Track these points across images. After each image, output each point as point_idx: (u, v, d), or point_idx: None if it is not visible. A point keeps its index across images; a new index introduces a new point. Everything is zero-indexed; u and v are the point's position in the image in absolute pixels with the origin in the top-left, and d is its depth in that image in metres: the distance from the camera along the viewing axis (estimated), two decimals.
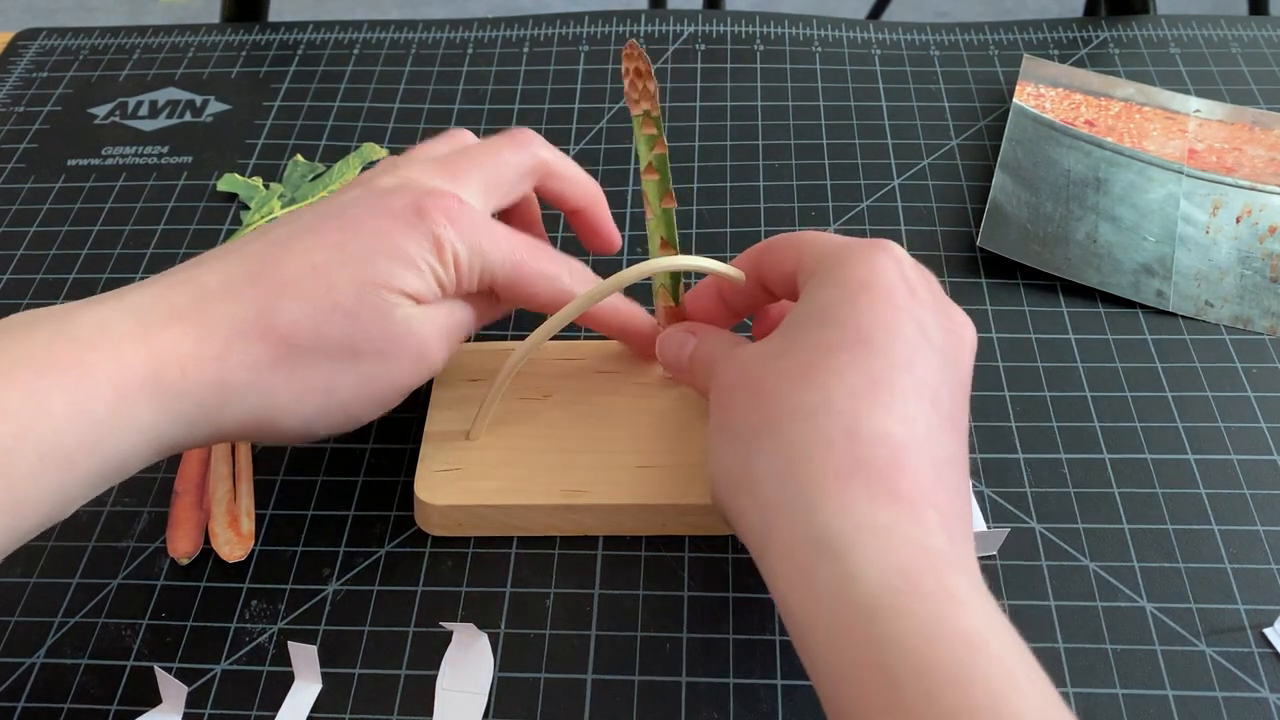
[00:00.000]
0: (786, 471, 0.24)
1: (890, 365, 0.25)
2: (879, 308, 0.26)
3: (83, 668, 0.32)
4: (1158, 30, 0.52)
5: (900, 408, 0.24)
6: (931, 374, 0.25)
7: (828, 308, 0.26)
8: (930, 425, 0.25)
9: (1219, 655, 0.31)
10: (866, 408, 0.24)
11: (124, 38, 0.56)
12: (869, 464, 0.23)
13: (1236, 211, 0.43)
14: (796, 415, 0.25)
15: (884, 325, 0.25)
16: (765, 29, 0.53)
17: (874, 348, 0.25)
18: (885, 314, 0.26)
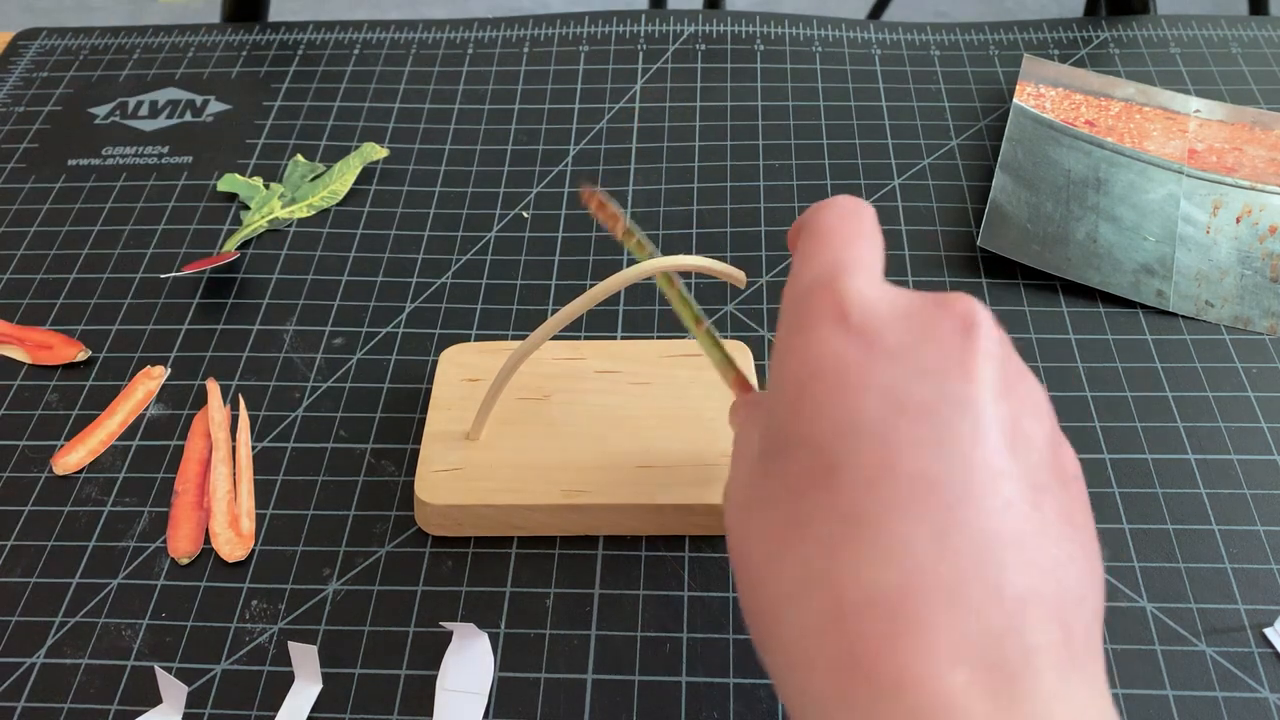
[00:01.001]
0: (791, 682, 0.18)
1: (860, 483, 0.17)
2: (827, 405, 0.19)
3: (83, 668, 0.32)
4: (1158, 30, 0.52)
5: (886, 538, 0.17)
6: (924, 453, 0.17)
7: (783, 423, 0.20)
8: (943, 528, 0.17)
9: (1219, 655, 0.31)
10: (847, 561, 0.17)
11: (124, 38, 0.56)
12: (863, 646, 0.16)
13: (1237, 211, 0.43)
14: (781, 600, 0.18)
15: (837, 427, 0.18)
16: (765, 29, 0.53)
17: (838, 468, 0.18)
18: (836, 410, 0.18)
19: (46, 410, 0.39)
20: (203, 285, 0.43)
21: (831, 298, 0.20)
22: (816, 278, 0.21)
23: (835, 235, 0.22)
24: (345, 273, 0.43)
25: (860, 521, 0.17)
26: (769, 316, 0.41)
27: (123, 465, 0.37)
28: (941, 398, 0.18)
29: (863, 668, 0.16)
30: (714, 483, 0.33)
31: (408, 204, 0.46)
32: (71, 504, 0.36)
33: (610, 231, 0.31)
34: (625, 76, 0.51)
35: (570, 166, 0.47)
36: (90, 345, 0.41)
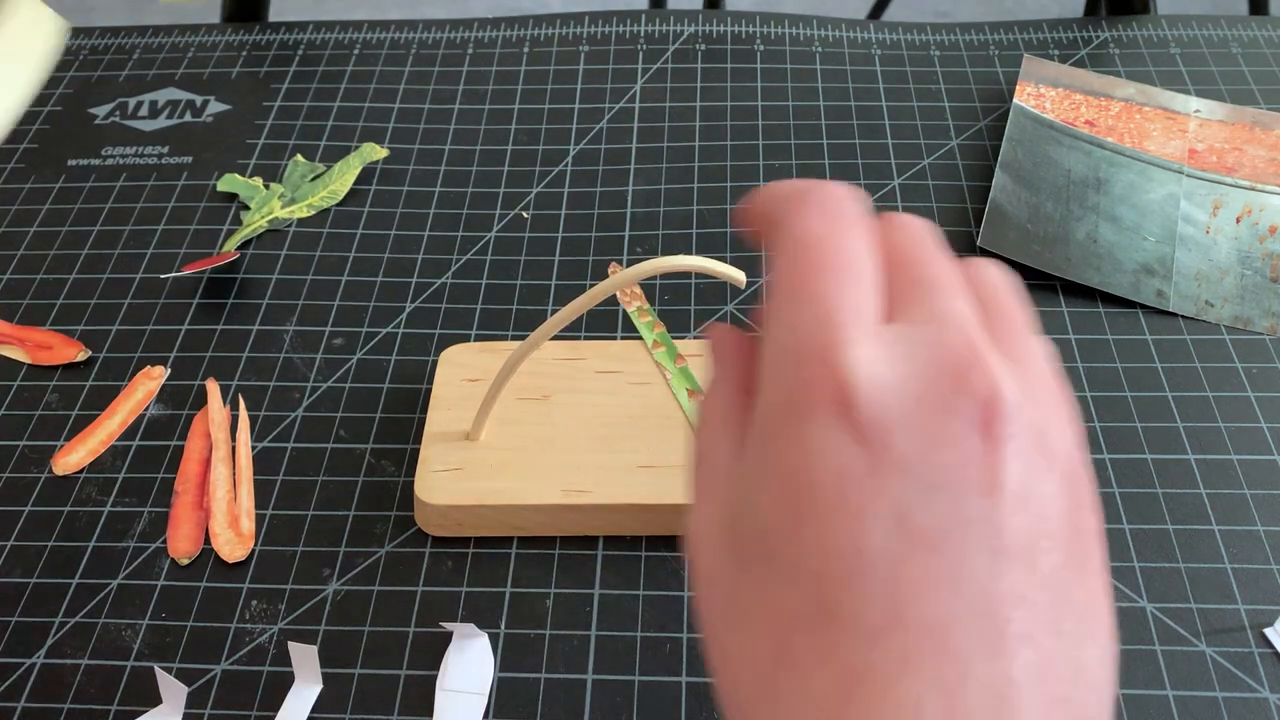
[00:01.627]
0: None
1: (863, 634, 0.15)
2: (827, 533, 0.16)
3: (83, 668, 0.32)
4: (1158, 30, 0.52)
5: (894, 700, 0.15)
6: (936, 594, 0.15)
7: (768, 527, 0.16)
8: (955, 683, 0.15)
9: (1219, 655, 0.31)
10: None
11: (124, 38, 0.56)
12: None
13: (1237, 211, 0.43)
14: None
15: (840, 565, 0.15)
16: (765, 29, 0.53)
17: (837, 613, 0.15)
18: (839, 540, 0.15)
19: (46, 410, 0.39)
20: (203, 285, 0.43)
21: (831, 379, 0.16)
22: (810, 339, 0.17)
23: (829, 268, 0.17)
24: (345, 273, 0.43)
25: (863, 680, 0.15)
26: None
27: (123, 465, 0.37)
28: (957, 519, 0.15)
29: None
30: None
31: (408, 204, 0.46)
32: (71, 504, 0.36)
33: (621, 300, 0.32)
34: (625, 76, 0.51)
35: (570, 166, 0.47)
36: (90, 345, 0.41)
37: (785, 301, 0.18)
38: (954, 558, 0.15)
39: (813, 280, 0.17)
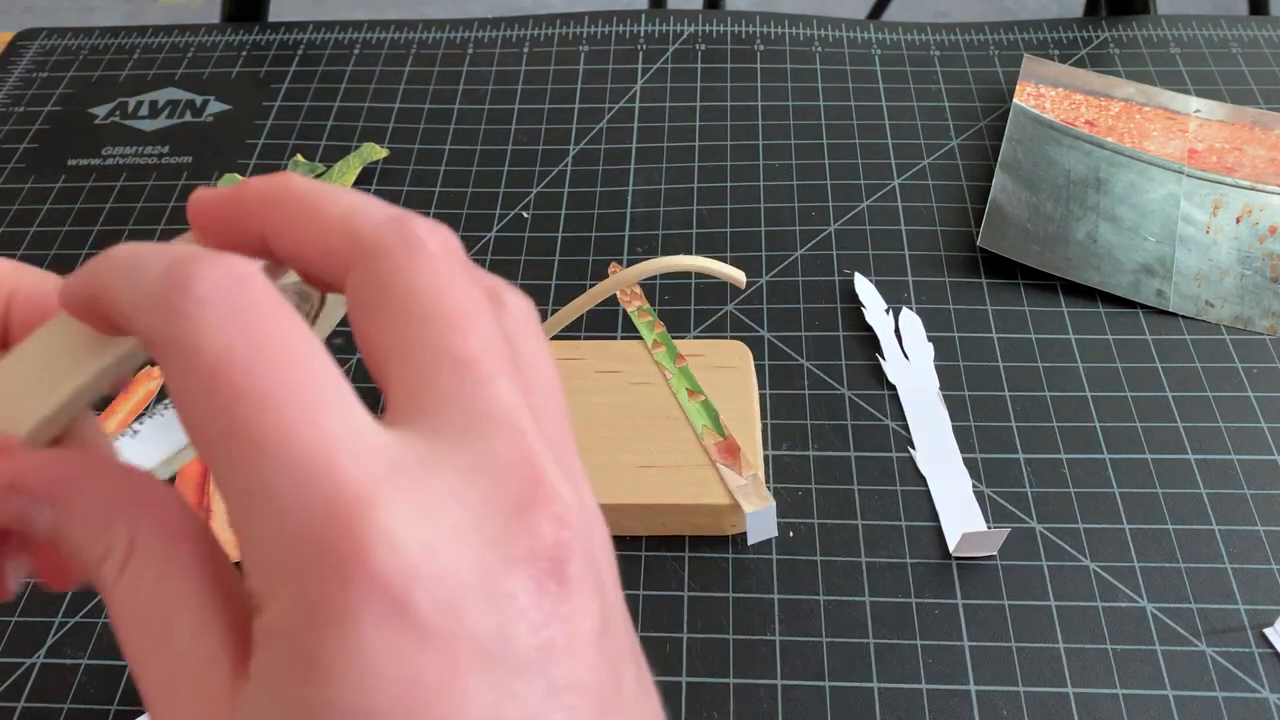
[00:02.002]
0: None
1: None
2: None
3: (83, 668, 0.32)
4: (1158, 30, 0.52)
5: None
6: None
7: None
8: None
9: (1219, 655, 0.31)
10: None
11: (124, 38, 0.56)
12: None
13: (1237, 211, 0.43)
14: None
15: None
16: (765, 29, 0.53)
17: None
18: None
19: None
20: None
21: (366, 569, 0.12)
22: (311, 509, 0.12)
23: (276, 394, 0.12)
24: None
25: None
26: (769, 316, 0.41)
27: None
28: (550, 697, 0.12)
29: None
30: (714, 483, 0.33)
31: (408, 204, 0.46)
32: None
33: (621, 301, 0.32)
34: (625, 76, 0.51)
35: (570, 166, 0.47)
36: None
37: (228, 461, 0.12)
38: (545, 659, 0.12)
39: (261, 417, 0.12)
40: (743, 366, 0.36)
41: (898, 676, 0.31)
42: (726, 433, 0.34)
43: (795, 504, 0.35)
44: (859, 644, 0.31)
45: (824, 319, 0.40)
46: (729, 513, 0.33)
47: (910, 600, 0.32)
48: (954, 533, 0.34)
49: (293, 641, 0.12)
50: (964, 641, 0.31)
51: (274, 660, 0.12)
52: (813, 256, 0.43)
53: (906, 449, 0.36)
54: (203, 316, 0.12)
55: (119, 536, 0.13)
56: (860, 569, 0.33)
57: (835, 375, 0.38)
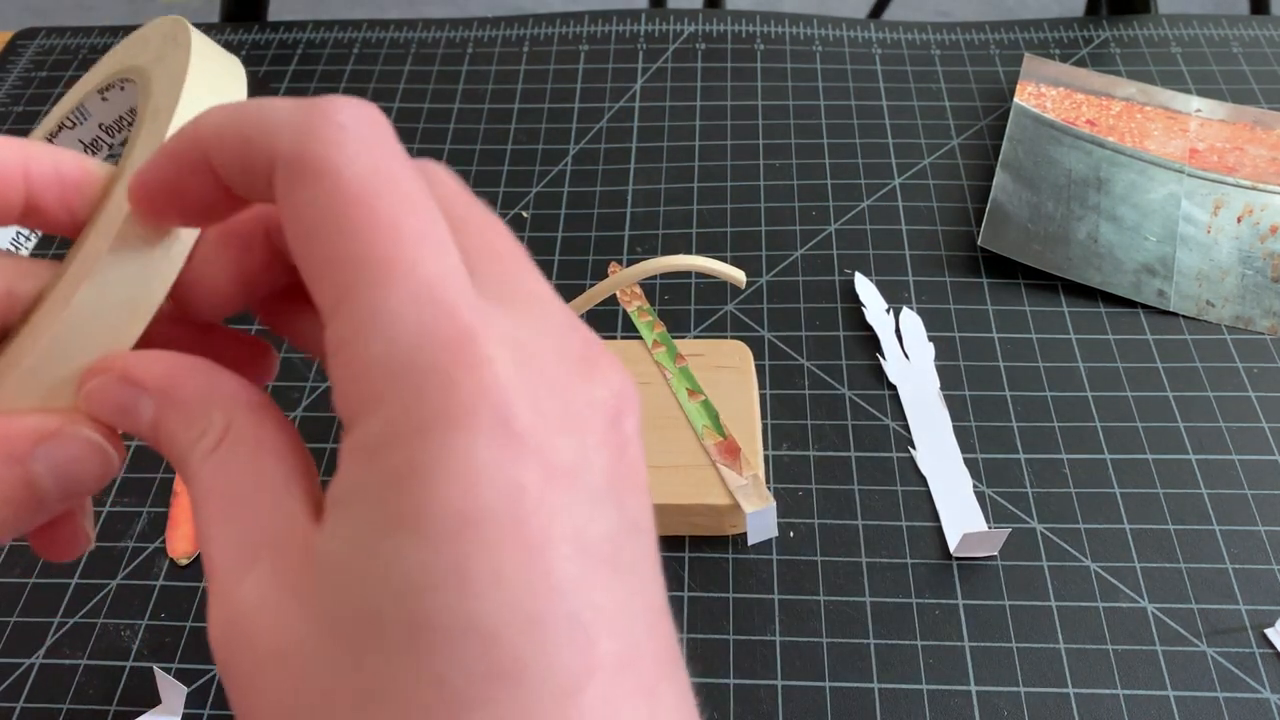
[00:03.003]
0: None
1: (557, 692, 0.12)
2: (508, 573, 0.12)
3: (82, 668, 0.32)
4: (1159, 30, 0.52)
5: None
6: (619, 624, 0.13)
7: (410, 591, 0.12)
8: (659, 702, 0.13)
9: (1220, 656, 0.31)
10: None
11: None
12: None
13: (1238, 211, 0.43)
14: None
15: (528, 612, 0.12)
16: (766, 28, 0.53)
17: (525, 670, 0.12)
18: (522, 580, 0.13)
19: None
20: None
21: (478, 384, 0.13)
22: (425, 335, 0.13)
23: (408, 227, 0.13)
24: None
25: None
26: (769, 316, 0.40)
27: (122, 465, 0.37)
28: (623, 528, 0.14)
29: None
30: (714, 483, 0.33)
31: None
32: None
33: (621, 301, 0.32)
34: (625, 76, 0.51)
35: (570, 166, 0.47)
36: None
37: (356, 283, 0.13)
38: (627, 572, 0.13)
39: (393, 247, 0.13)
40: (743, 366, 0.36)
41: (898, 677, 0.30)
42: (726, 433, 0.34)
43: (795, 504, 0.35)
44: (859, 644, 0.31)
45: (824, 319, 0.40)
46: (729, 513, 0.33)
47: (911, 600, 0.32)
48: (954, 533, 0.34)
49: (394, 451, 0.12)
50: (964, 642, 0.31)
51: (369, 475, 0.13)
52: (813, 256, 0.43)
53: (907, 449, 0.36)
54: (345, 141, 0.13)
55: (215, 421, 0.15)
56: (860, 569, 0.33)
57: (836, 375, 0.38)
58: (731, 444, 0.34)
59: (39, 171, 0.17)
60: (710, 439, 0.34)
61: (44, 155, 0.17)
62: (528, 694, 0.12)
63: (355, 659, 0.12)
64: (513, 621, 0.12)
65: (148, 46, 0.18)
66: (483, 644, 0.12)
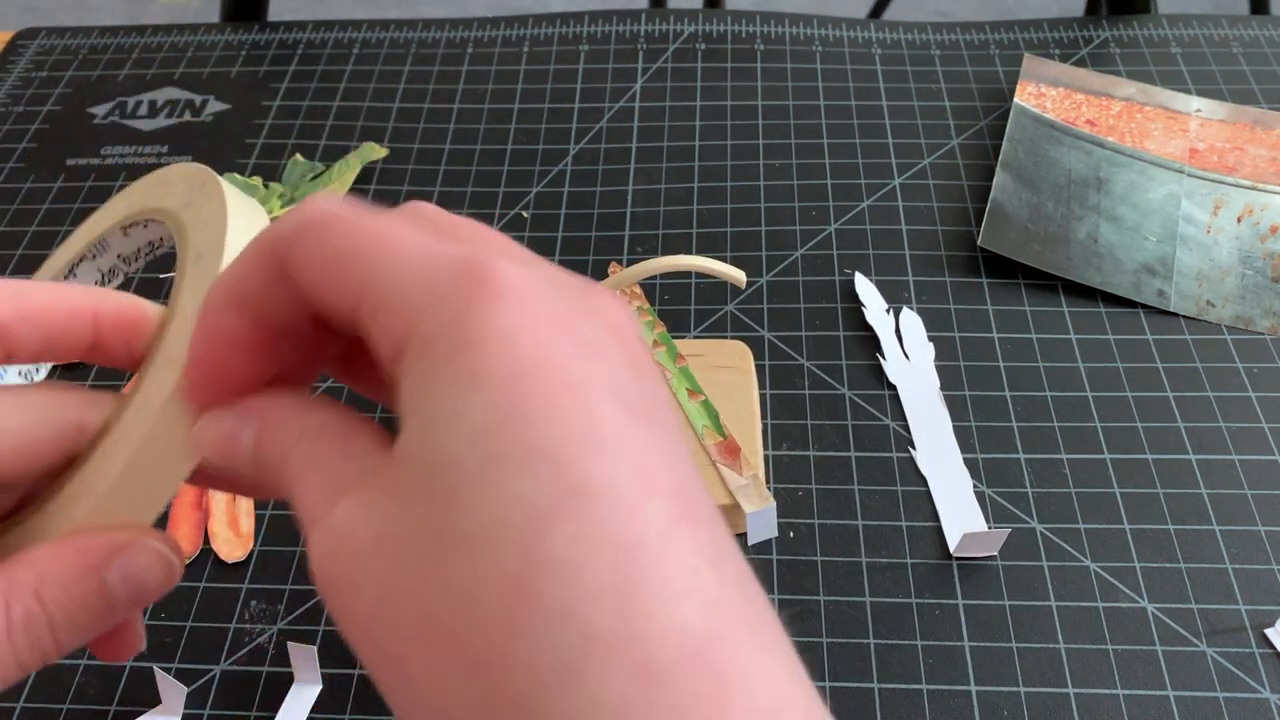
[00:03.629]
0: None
1: (620, 504, 0.14)
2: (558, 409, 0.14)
3: (81, 668, 0.32)
4: (1159, 30, 0.52)
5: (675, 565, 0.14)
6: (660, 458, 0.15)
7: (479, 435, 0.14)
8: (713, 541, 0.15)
9: (1220, 656, 0.31)
10: (641, 604, 0.13)
11: (123, 37, 0.56)
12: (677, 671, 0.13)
13: (1238, 211, 0.43)
14: (543, 673, 0.13)
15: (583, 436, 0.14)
16: (766, 28, 0.53)
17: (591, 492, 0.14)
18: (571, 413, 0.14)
19: None
20: None
21: (498, 275, 0.15)
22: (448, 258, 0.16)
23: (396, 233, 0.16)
24: None
25: (639, 546, 0.14)
26: (769, 316, 0.40)
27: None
28: (650, 396, 0.16)
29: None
30: (714, 483, 0.33)
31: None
32: None
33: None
34: (625, 76, 0.51)
35: (570, 166, 0.47)
36: None
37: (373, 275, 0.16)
38: (662, 429, 0.15)
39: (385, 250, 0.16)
40: (743, 366, 0.36)
41: (898, 677, 0.30)
42: (726, 433, 0.34)
43: (795, 504, 0.35)
44: (859, 644, 0.31)
45: (824, 319, 0.40)
46: (729, 513, 0.33)
47: (910, 600, 0.32)
48: (954, 533, 0.34)
49: (441, 340, 0.15)
50: (964, 642, 0.31)
51: (424, 369, 0.15)
52: (813, 256, 0.43)
53: (907, 449, 0.36)
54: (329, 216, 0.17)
55: (310, 423, 0.17)
56: (860, 569, 0.33)
57: (835, 375, 0.38)
58: (731, 444, 0.34)
59: (105, 314, 0.19)
60: (710, 439, 0.34)
61: (109, 300, 0.20)
62: (599, 507, 0.14)
63: (442, 510, 0.14)
64: (575, 445, 0.14)
65: (172, 191, 0.21)
66: (552, 465, 0.14)
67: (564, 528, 0.14)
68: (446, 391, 0.15)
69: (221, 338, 0.17)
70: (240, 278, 0.17)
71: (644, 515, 0.14)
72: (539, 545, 0.13)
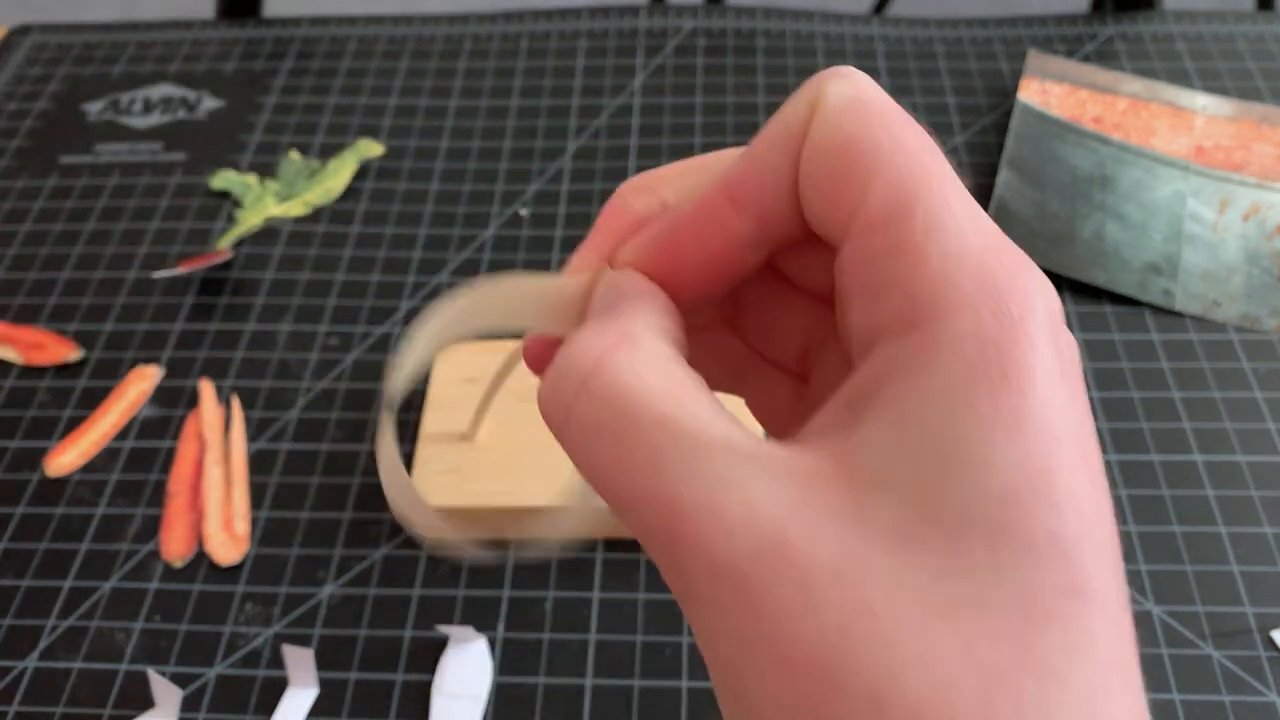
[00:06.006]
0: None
1: (1112, 613, 0.13)
2: (1078, 483, 0.13)
3: (75, 671, 0.31)
4: (1164, 26, 0.52)
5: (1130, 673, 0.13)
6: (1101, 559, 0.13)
7: (1008, 493, 0.13)
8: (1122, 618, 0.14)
9: (1226, 659, 0.30)
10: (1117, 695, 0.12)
11: (117, 33, 0.55)
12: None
13: (1244, 209, 0.43)
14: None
15: (1083, 526, 0.13)
16: (767, 24, 0.53)
17: (1089, 593, 0.13)
18: (1087, 492, 0.13)
19: (39, 411, 0.38)
20: (196, 284, 0.42)
21: (1037, 286, 0.14)
22: (991, 247, 0.14)
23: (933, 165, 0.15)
24: (340, 271, 0.43)
25: (1118, 666, 0.12)
26: None
27: (115, 467, 0.36)
28: (1095, 443, 0.14)
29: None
30: None
31: (404, 202, 0.45)
32: (64, 506, 0.35)
33: None
34: (625, 72, 0.51)
35: (569, 163, 0.47)
36: (83, 345, 0.40)
37: (912, 196, 0.14)
38: (1106, 494, 0.14)
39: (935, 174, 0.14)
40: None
41: None
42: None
43: None
44: None
45: None
46: None
47: None
48: None
49: (986, 351, 0.13)
50: None
51: (950, 369, 0.13)
52: None
53: None
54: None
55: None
56: None
57: None
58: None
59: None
60: None
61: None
62: (1095, 613, 0.12)
63: (932, 573, 0.12)
64: (1088, 542, 0.13)
65: None
66: (1064, 561, 0.12)
67: (1061, 632, 0.12)
68: (973, 428, 0.13)
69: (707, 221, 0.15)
70: (742, 171, 0.15)
71: (1124, 631, 0.13)
72: (1035, 643, 0.12)
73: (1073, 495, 0.13)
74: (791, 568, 0.13)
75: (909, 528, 0.13)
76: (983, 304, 0.13)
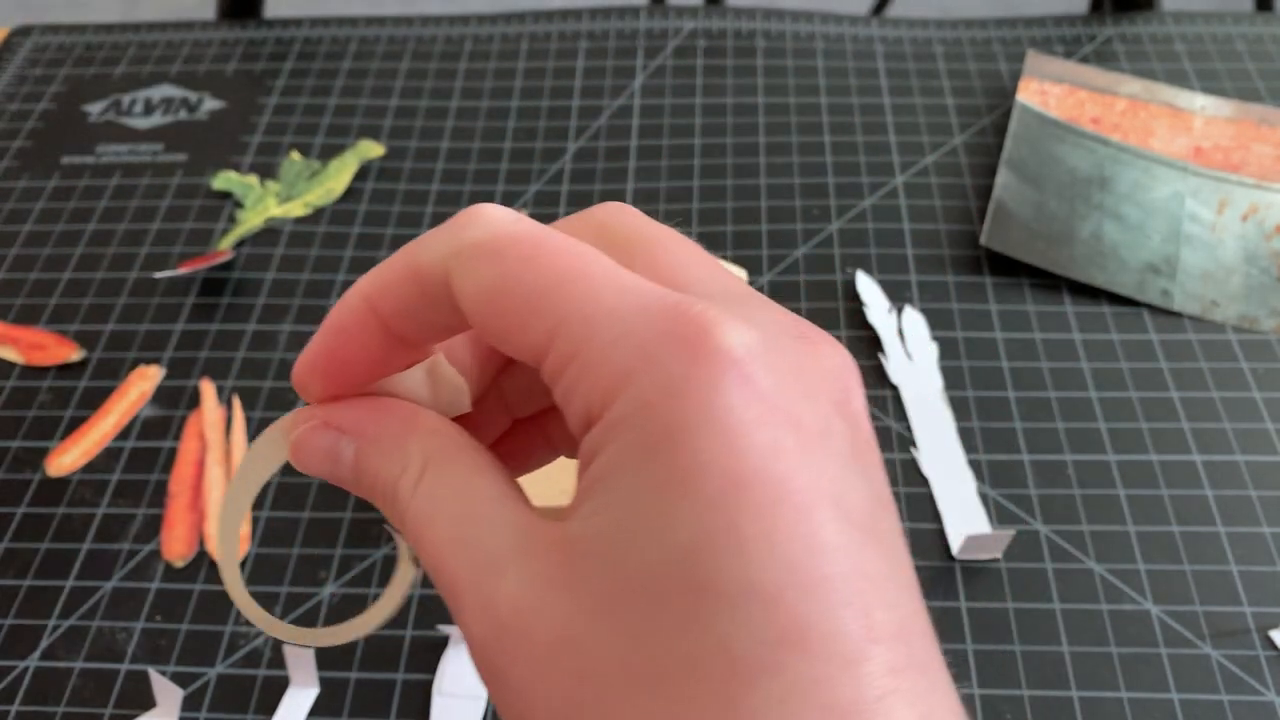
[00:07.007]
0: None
1: (836, 659, 0.12)
2: (781, 534, 0.12)
3: (77, 671, 0.31)
4: (1163, 27, 0.52)
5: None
6: (885, 588, 0.13)
7: (687, 553, 0.12)
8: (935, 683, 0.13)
9: (1224, 658, 0.30)
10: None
11: (118, 34, 0.55)
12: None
13: (1242, 210, 0.43)
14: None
15: (804, 577, 0.12)
16: (767, 25, 0.53)
17: (808, 640, 0.12)
18: (796, 540, 0.12)
19: (40, 411, 0.38)
20: (197, 285, 0.43)
21: (716, 344, 0.13)
22: (659, 305, 0.13)
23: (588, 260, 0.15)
24: (342, 272, 0.43)
25: (852, 712, 0.12)
26: None
27: (117, 467, 0.36)
28: (873, 500, 0.13)
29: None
30: None
31: (405, 202, 0.45)
32: (65, 506, 0.35)
33: None
34: (625, 74, 0.51)
35: (569, 165, 0.47)
36: (84, 345, 0.40)
37: (566, 310, 0.14)
38: (886, 544, 0.13)
39: (584, 275, 0.14)
40: None
41: None
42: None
43: None
44: None
45: (826, 318, 0.40)
46: None
47: None
48: (957, 535, 0.33)
49: (651, 418, 0.13)
50: (968, 645, 0.31)
51: (626, 449, 0.13)
52: (814, 255, 0.42)
53: (909, 450, 0.36)
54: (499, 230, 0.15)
55: (413, 454, 0.15)
56: None
57: None
58: None
59: None
60: None
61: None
62: (814, 661, 0.12)
63: (635, 638, 0.12)
64: (792, 585, 0.12)
65: None
66: (765, 608, 0.12)
67: (772, 685, 0.12)
68: (649, 493, 0.12)
69: (345, 332, 0.16)
70: (382, 288, 0.15)
71: (861, 673, 0.12)
72: (744, 702, 0.12)
73: (767, 540, 0.12)
74: (525, 649, 0.13)
75: (614, 595, 0.13)
76: (645, 375, 0.13)
